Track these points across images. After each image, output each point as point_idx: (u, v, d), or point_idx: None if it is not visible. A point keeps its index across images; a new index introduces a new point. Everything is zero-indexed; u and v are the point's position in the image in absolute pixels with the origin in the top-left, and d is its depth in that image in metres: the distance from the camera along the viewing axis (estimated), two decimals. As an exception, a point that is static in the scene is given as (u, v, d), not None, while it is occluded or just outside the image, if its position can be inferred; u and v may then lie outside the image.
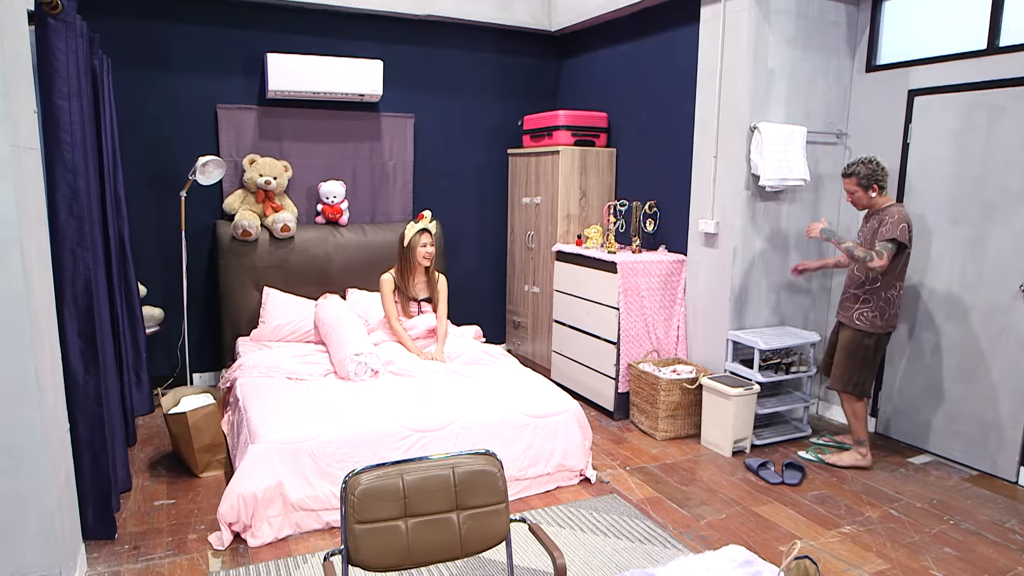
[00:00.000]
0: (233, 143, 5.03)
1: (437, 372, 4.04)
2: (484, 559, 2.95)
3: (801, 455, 4.18)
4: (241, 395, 3.72)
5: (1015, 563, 3.06)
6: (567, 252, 5.11)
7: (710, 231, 4.47)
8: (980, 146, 3.91)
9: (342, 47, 5.27)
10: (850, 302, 3.94)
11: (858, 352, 3.89)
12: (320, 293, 5.07)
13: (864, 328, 3.86)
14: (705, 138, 4.51)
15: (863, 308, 3.87)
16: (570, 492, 3.66)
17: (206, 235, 5.07)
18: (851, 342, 3.91)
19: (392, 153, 5.55)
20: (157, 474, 3.75)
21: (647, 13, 5.01)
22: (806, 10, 4.35)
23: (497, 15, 5.57)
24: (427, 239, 4.39)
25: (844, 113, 4.62)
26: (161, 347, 4.98)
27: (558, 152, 5.23)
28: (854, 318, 3.90)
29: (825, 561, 3.05)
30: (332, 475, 3.20)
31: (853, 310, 3.91)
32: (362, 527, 1.84)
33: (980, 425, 3.99)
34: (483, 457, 2.00)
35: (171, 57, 4.83)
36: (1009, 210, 3.80)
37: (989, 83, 3.85)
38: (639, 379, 4.51)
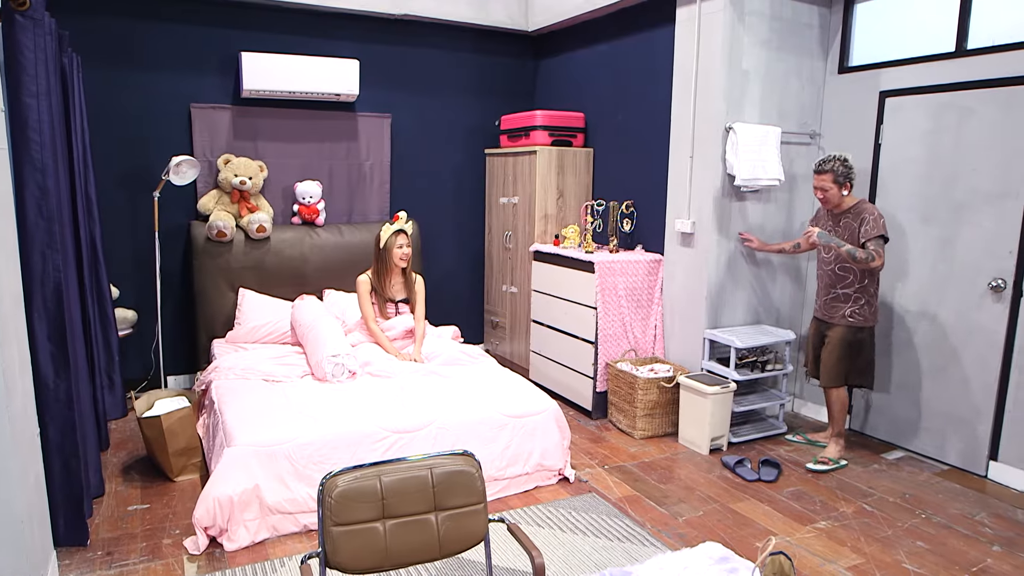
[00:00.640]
0: (207, 143, 4.97)
1: (415, 373, 4.03)
2: (463, 559, 2.94)
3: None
4: (216, 397, 3.68)
5: (984, 555, 3.12)
6: (545, 252, 5.12)
7: (686, 231, 4.51)
8: (950, 147, 3.98)
9: (318, 46, 5.23)
10: (839, 302, 3.96)
11: (853, 347, 3.96)
12: (296, 294, 5.03)
13: (858, 324, 3.93)
14: (681, 138, 4.54)
15: (854, 306, 3.91)
16: (549, 491, 3.67)
17: (180, 236, 5.01)
18: (844, 339, 3.94)
19: (369, 153, 5.53)
20: (131, 479, 3.69)
21: (624, 14, 5.04)
22: (780, 12, 4.40)
23: (474, 15, 5.57)
24: (403, 240, 4.38)
25: (817, 114, 4.68)
26: (134, 350, 4.91)
27: (535, 152, 5.24)
28: (846, 316, 3.93)
29: (801, 556, 3.08)
30: (309, 477, 3.18)
31: (844, 309, 3.94)
32: (340, 529, 1.83)
33: (951, 421, 4.07)
34: (461, 457, 2.00)
35: (143, 55, 4.77)
36: (978, 210, 3.87)
37: (958, 85, 3.93)
38: (617, 378, 4.53)
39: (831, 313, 4.01)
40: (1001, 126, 3.74)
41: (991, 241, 3.82)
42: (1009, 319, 3.77)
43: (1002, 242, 3.77)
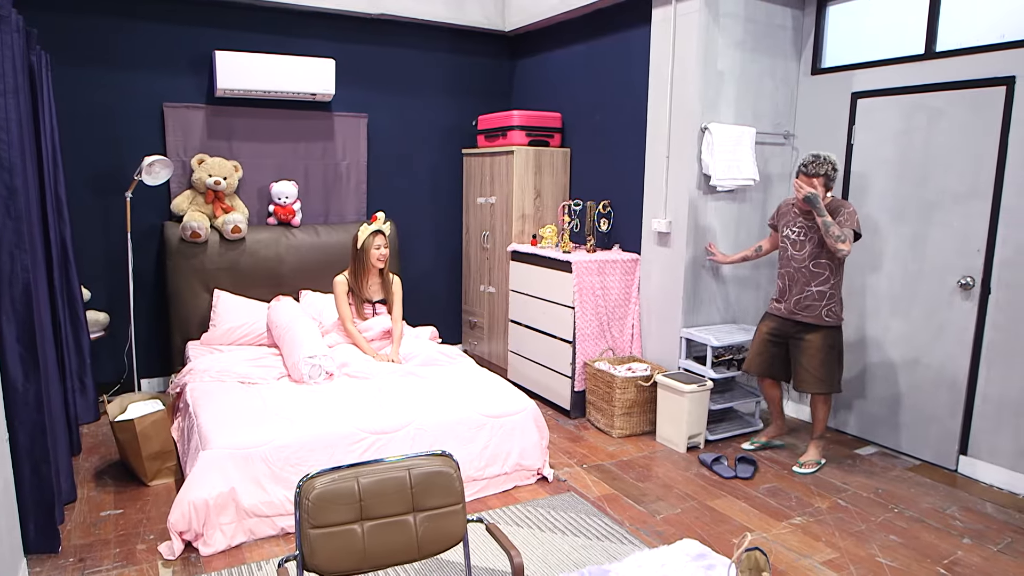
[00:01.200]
0: (181, 142, 4.91)
1: (393, 374, 4.01)
2: (442, 560, 2.93)
3: (747, 447, 4.27)
4: (191, 400, 3.64)
5: (955, 548, 3.18)
6: (522, 252, 5.12)
7: (663, 230, 4.54)
8: (920, 147, 4.05)
9: (293, 46, 5.19)
10: (814, 301, 3.82)
11: (835, 349, 3.88)
12: (273, 295, 4.98)
13: (835, 323, 3.87)
14: (657, 138, 4.57)
15: (830, 304, 3.82)
16: (528, 491, 3.68)
17: (153, 237, 4.94)
18: (827, 342, 3.85)
19: (345, 153, 5.49)
20: (104, 484, 3.64)
21: (600, 14, 5.06)
22: (754, 14, 4.45)
23: (450, 15, 5.56)
24: (381, 241, 4.36)
25: (791, 115, 4.74)
26: (107, 352, 4.83)
27: (512, 152, 5.24)
28: (823, 315, 3.82)
29: (777, 552, 3.12)
30: (286, 480, 3.15)
31: (820, 309, 3.82)
32: (317, 532, 1.82)
33: (922, 416, 4.13)
34: (439, 458, 1.99)
35: (115, 54, 4.69)
36: (947, 209, 3.94)
37: (928, 86, 3.99)
38: (595, 377, 4.55)
39: (805, 313, 3.85)
40: (969, 127, 3.82)
41: (960, 240, 3.89)
42: (978, 316, 3.84)
43: (971, 241, 3.84)
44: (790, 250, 3.93)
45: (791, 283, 3.93)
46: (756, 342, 4.11)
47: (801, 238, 3.87)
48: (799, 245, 3.89)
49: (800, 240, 3.87)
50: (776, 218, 4.09)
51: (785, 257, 3.97)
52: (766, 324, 4.07)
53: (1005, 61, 3.65)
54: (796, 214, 3.91)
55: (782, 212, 4.04)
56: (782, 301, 3.98)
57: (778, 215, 4.07)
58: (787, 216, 3.98)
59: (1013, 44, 3.63)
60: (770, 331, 4.04)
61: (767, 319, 4.08)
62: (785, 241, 3.95)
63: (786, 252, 3.96)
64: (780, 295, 4.00)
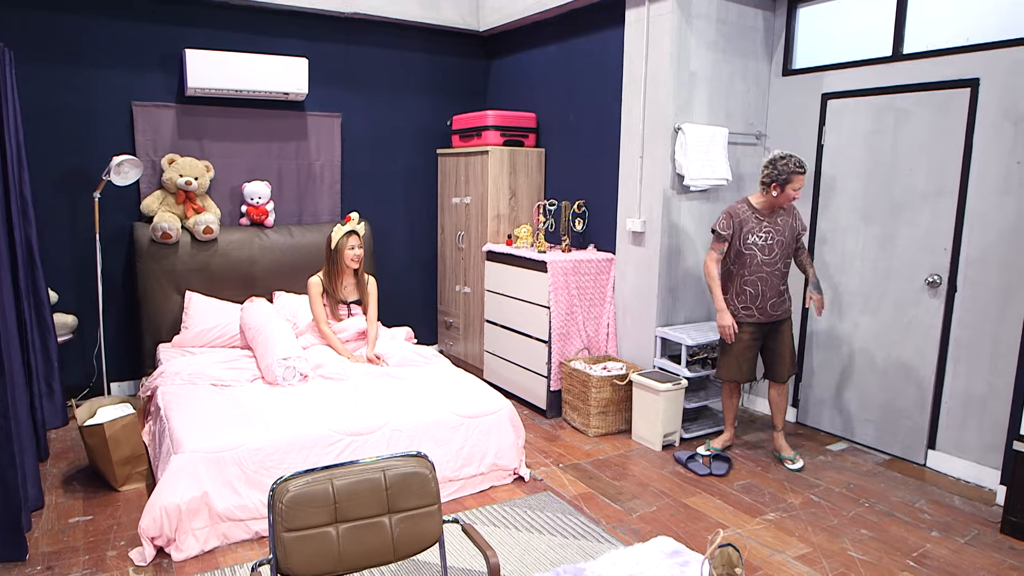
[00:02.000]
0: (150, 142, 4.84)
1: (368, 375, 3.99)
2: (418, 561, 2.92)
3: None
4: (163, 403, 3.59)
5: (924, 541, 3.24)
6: (498, 252, 5.12)
7: (637, 230, 4.56)
8: (888, 148, 4.12)
9: (265, 44, 5.14)
10: (784, 297, 3.98)
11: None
12: (246, 296, 4.92)
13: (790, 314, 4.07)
14: (631, 138, 4.60)
15: (788, 298, 4.04)
16: (504, 491, 3.68)
17: (122, 238, 4.86)
18: (791, 329, 4.07)
19: (319, 153, 5.45)
20: (72, 490, 3.57)
21: (574, 15, 5.08)
22: (725, 15, 4.49)
23: (424, 14, 5.54)
24: (355, 241, 4.33)
25: (763, 115, 4.79)
26: (75, 356, 4.75)
27: (487, 152, 5.24)
28: (789, 308, 4.04)
29: (751, 548, 3.15)
30: (260, 483, 3.12)
31: (789, 301, 4.03)
32: (291, 535, 1.80)
33: (892, 412, 4.21)
34: (414, 459, 1.99)
35: (82, 51, 4.61)
36: (915, 209, 4.02)
37: (895, 88, 4.06)
38: (571, 377, 4.56)
39: (780, 311, 3.95)
40: (936, 128, 3.89)
41: (928, 238, 3.97)
42: (944, 313, 3.91)
43: (938, 239, 3.92)
44: (759, 256, 3.88)
45: (765, 288, 3.90)
46: (737, 351, 3.98)
47: (769, 242, 3.87)
48: (768, 249, 3.87)
49: (768, 244, 3.87)
50: (731, 228, 3.89)
51: (753, 264, 3.88)
52: (746, 332, 3.96)
53: (970, 63, 3.73)
54: (760, 219, 3.86)
55: (741, 220, 3.88)
56: (754, 307, 3.93)
57: (735, 224, 3.89)
58: (749, 223, 3.88)
59: (977, 47, 3.71)
60: (751, 337, 3.97)
61: (745, 328, 3.95)
62: (751, 248, 3.87)
63: (754, 259, 3.88)
64: (752, 301, 3.92)
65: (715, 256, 3.95)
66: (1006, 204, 3.63)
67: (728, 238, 3.90)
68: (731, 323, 3.91)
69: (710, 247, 3.99)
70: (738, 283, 3.95)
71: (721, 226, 3.91)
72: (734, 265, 3.95)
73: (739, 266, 3.93)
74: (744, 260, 3.90)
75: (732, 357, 4.02)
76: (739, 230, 3.89)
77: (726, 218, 3.92)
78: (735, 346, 3.99)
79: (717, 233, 3.92)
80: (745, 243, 3.88)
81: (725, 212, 3.94)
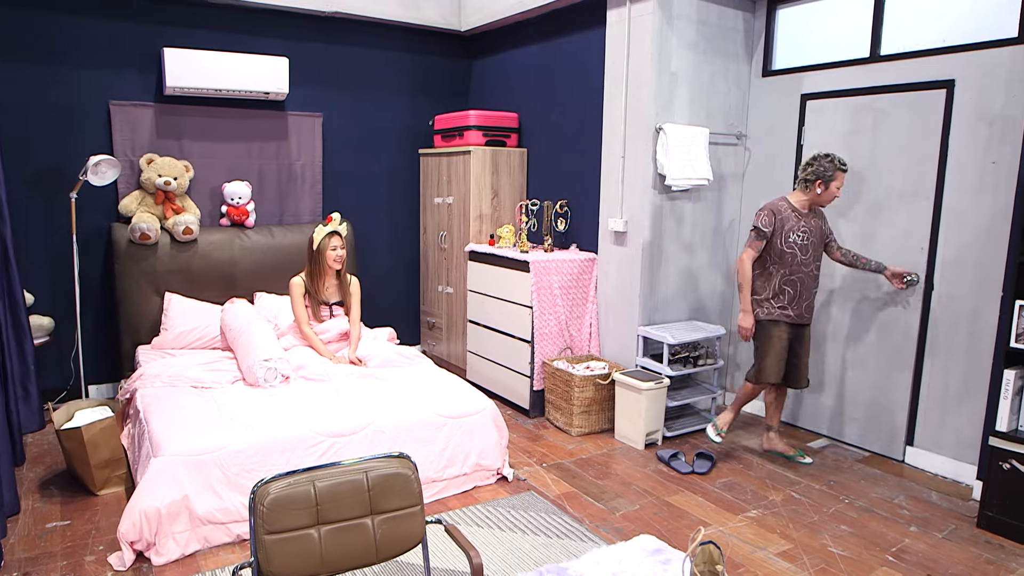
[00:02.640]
0: (128, 142, 4.78)
1: (350, 376, 3.98)
2: (401, 563, 2.92)
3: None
4: (142, 406, 3.54)
5: (903, 536, 3.28)
6: (480, 252, 5.12)
7: (619, 229, 4.58)
8: (867, 148, 4.16)
9: (245, 43, 5.10)
10: (814, 299, 3.92)
11: None
12: (226, 298, 4.88)
13: None
14: (613, 138, 4.62)
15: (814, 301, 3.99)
16: (488, 491, 3.67)
17: (100, 239, 4.80)
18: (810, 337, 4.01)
19: (300, 153, 5.42)
20: (49, 494, 3.52)
21: (556, 15, 5.09)
22: (706, 16, 4.52)
23: (406, 14, 5.52)
24: (337, 242, 4.30)
25: (743, 115, 4.83)
26: (52, 359, 4.68)
27: (469, 152, 5.23)
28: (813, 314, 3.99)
29: (733, 545, 3.18)
30: (241, 485, 3.10)
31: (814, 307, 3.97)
32: (272, 537, 1.79)
33: (871, 409, 4.26)
34: (396, 460, 1.98)
35: (59, 49, 4.54)
36: (893, 208, 4.06)
37: (873, 89, 4.11)
38: (553, 376, 4.57)
39: (810, 314, 3.90)
40: (913, 128, 3.94)
41: (905, 237, 4.02)
42: (922, 311, 3.97)
43: (915, 238, 3.97)
44: (798, 256, 3.79)
45: (802, 289, 3.83)
46: (778, 351, 3.85)
47: (806, 242, 3.79)
48: (804, 249, 3.79)
49: (805, 244, 3.79)
50: (772, 225, 3.77)
51: (794, 263, 3.79)
52: (783, 331, 3.85)
53: (945, 65, 3.78)
54: (799, 217, 3.78)
55: (782, 217, 3.78)
56: (791, 307, 3.83)
57: (776, 221, 3.78)
58: (789, 220, 3.77)
59: (953, 49, 3.76)
60: (789, 336, 3.87)
61: (782, 327, 3.84)
62: (792, 247, 3.77)
63: (795, 258, 3.79)
64: (790, 301, 3.82)
65: (752, 254, 3.82)
66: (981, 203, 3.69)
67: (768, 235, 3.78)
68: (751, 326, 3.85)
69: (747, 244, 3.85)
70: (778, 282, 3.83)
71: (763, 222, 3.78)
72: (774, 264, 3.83)
73: (780, 265, 3.82)
74: (786, 259, 3.80)
75: (774, 358, 3.86)
76: (780, 227, 3.78)
77: (767, 214, 3.79)
78: (775, 346, 3.85)
79: (758, 230, 3.78)
80: (786, 241, 3.77)
81: (766, 209, 3.81)
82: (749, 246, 3.84)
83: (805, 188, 3.79)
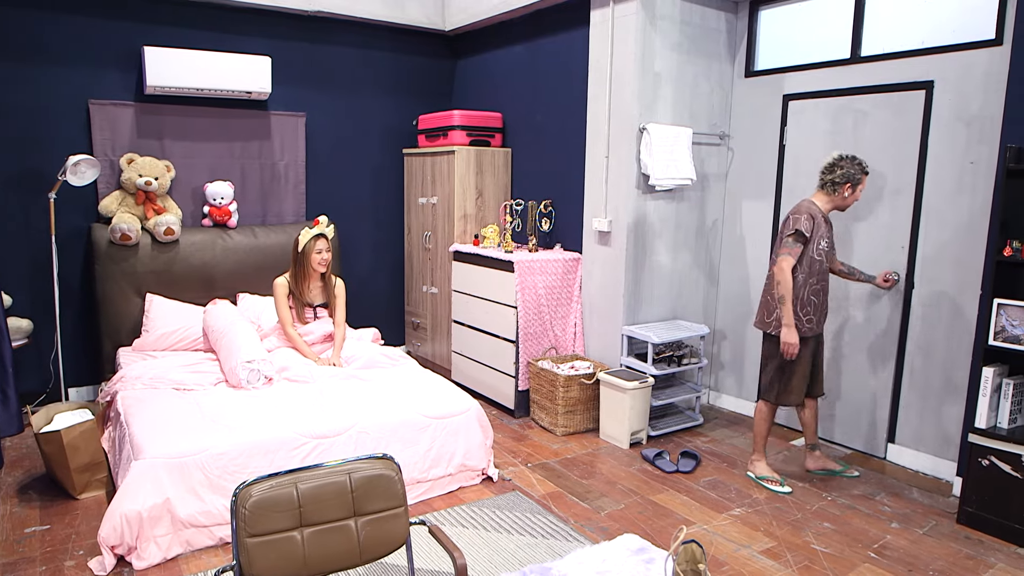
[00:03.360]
0: (108, 141, 4.73)
1: (334, 377, 3.96)
2: (386, 564, 2.91)
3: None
4: (122, 409, 3.51)
5: (884, 532, 3.31)
6: (464, 252, 5.11)
7: (604, 229, 4.59)
8: (847, 148, 4.19)
9: (227, 42, 5.06)
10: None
11: None
12: (209, 299, 4.84)
13: None
14: (597, 138, 4.63)
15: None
16: (473, 492, 3.67)
17: (79, 240, 4.74)
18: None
19: (283, 153, 5.38)
20: (28, 499, 3.48)
21: (540, 15, 5.09)
22: (689, 17, 4.54)
23: (389, 13, 5.50)
24: (323, 245, 4.28)
25: (726, 116, 4.85)
26: (31, 361, 4.62)
27: (454, 152, 5.22)
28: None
29: (717, 543, 3.19)
30: (224, 488, 3.07)
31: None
32: (254, 540, 1.78)
33: (853, 407, 4.29)
34: (380, 461, 1.97)
35: (37, 47, 4.48)
36: (873, 208, 4.10)
37: (853, 89, 4.14)
38: (538, 376, 4.57)
39: (825, 322, 3.76)
40: (892, 128, 3.98)
41: (886, 237, 4.05)
42: (903, 310, 4.01)
43: (896, 238, 4.01)
44: (824, 264, 3.62)
45: (825, 298, 3.66)
46: (804, 370, 3.66)
47: (830, 249, 3.65)
48: (827, 257, 3.63)
49: (830, 252, 3.65)
50: (811, 230, 3.53)
51: (820, 271, 3.60)
52: (808, 347, 3.66)
53: (925, 66, 3.82)
54: (826, 223, 3.61)
55: (817, 222, 3.55)
56: (816, 318, 3.64)
57: (814, 226, 3.54)
58: (822, 226, 3.56)
59: (931, 50, 3.80)
60: (810, 351, 3.70)
61: (809, 343, 3.66)
62: (820, 254, 3.58)
63: (821, 266, 3.60)
64: (815, 312, 3.62)
65: (792, 261, 3.50)
66: (960, 202, 3.73)
67: (804, 240, 3.52)
68: (798, 341, 3.54)
69: (786, 252, 3.52)
70: (806, 292, 3.58)
71: (805, 227, 3.50)
72: (803, 273, 3.56)
73: (808, 274, 3.56)
74: (814, 267, 3.57)
75: (800, 377, 3.67)
76: (815, 233, 3.54)
77: (807, 218, 3.51)
78: (801, 365, 3.65)
79: (800, 234, 3.50)
80: (817, 248, 3.56)
81: (805, 212, 3.52)
82: (788, 253, 3.51)
83: (833, 191, 3.56)
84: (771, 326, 3.67)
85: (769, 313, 3.68)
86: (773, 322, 3.65)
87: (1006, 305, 3.23)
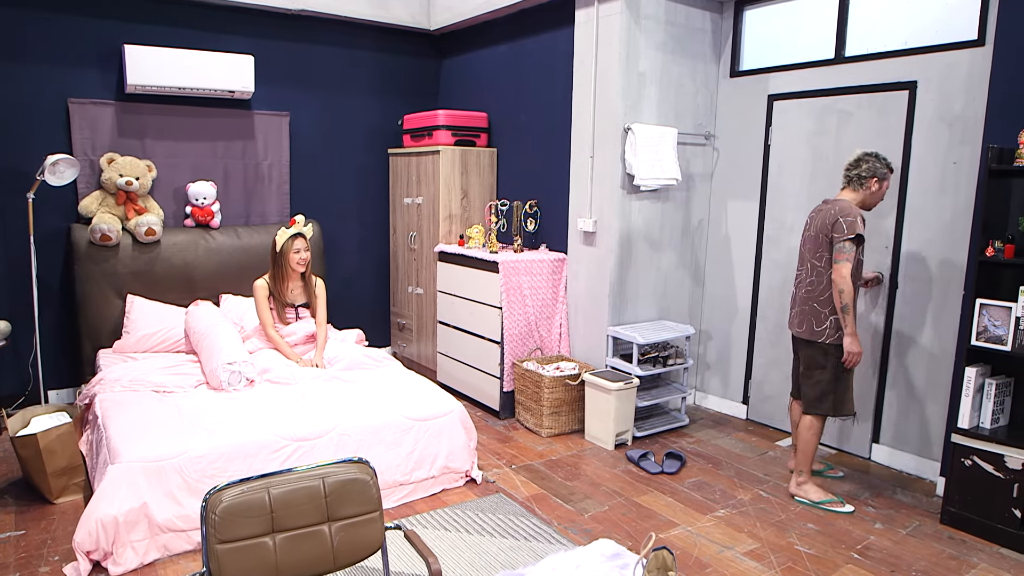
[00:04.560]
0: (88, 140, 4.67)
1: (316, 379, 3.92)
2: (366, 567, 2.87)
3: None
4: (100, 411, 3.46)
5: (868, 533, 3.31)
6: (450, 252, 5.08)
7: (589, 230, 4.57)
8: (832, 147, 4.20)
9: (209, 41, 5.01)
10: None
11: None
12: (190, 300, 4.79)
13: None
14: (582, 138, 4.61)
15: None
16: (456, 494, 3.64)
17: (59, 240, 4.68)
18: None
19: (267, 153, 5.34)
20: (3, 503, 3.42)
21: (524, 15, 5.07)
22: (674, 16, 4.53)
23: (374, 12, 5.47)
24: (301, 244, 4.23)
25: (711, 116, 4.84)
26: (9, 364, 4.56)
27: (439, 152, 5.20)
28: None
29: (700, 545, 3.18)
30: (203, 492, 3.01)
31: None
32: (225, 547, 1.74)
33: (837, 407, 4.29)
34: (355, 465, 1.94)
35: (15, 45, 4.42)
36: (857, 207, 4.10)
37: (837, 90, 4.14)
38: (523, 377, 4.55)
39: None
40: (876, 129, 3.98)
41: (870, 237, 4.05)
42: (887, 310, 4.01)
43: (880, 238, 4.01)
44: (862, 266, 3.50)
45: (857, 302, 3.48)
46: (853, 379, 3.55)
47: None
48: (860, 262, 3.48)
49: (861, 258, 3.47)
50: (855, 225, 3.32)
51: (860, 274, 3.47)
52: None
53: (908, 67, 3.82)
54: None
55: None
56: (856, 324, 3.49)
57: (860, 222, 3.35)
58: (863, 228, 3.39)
59: (914, 51, 3.80)
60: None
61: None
62: (862, 256, 3.45)
63: (861, 268, 3.47)
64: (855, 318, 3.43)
65: (851, 267, 3.30)
66: (943, 203, 3.73)
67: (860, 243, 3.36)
68: (860, 350, 3.39)
69: (844, 258, 3.30)
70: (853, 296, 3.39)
71: (862, 228, 3.30)
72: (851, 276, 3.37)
73: (855, 277, 3.37)
74: (857, 270, 3.40)
75: (851, 385, 3.53)
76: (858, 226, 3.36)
77: (860, 219, 3.33)
78: (850, 374, 3.51)
79: (861, 237, 3.31)
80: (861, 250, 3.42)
81: (853, 213, 3.32)
82: (847, 259, 3.30)
83: (860, 185, 3.41)
84: (822, 335, 3.45)
85: (820, 322, 3.44)
86: (825, 331, 3.43)
87: (988, 305, 3.23)
